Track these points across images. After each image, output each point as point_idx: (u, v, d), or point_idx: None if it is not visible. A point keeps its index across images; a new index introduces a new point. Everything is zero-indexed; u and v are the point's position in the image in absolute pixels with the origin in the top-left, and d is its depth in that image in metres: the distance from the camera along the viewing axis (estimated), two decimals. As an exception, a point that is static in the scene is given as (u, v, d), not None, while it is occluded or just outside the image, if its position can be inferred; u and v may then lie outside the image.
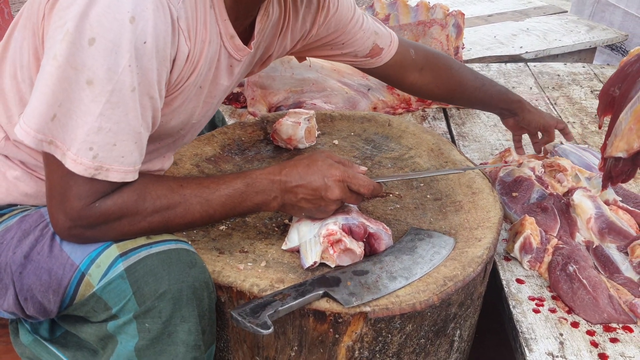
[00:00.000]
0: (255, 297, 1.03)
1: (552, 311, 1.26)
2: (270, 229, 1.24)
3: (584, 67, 2.68)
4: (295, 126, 1.52)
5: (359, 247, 1.12)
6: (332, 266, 1.11)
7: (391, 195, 1.37)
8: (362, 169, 1.16)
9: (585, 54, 3.05)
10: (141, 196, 0.99)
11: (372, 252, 1.16)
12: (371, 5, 2.46)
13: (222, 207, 1.06)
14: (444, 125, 2.11)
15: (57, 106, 0.90)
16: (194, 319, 1.00)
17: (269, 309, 0.97)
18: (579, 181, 1.59)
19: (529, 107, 1.60)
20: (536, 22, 3.22)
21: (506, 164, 1.65)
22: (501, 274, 1.37)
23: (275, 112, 2.02)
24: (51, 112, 0.90)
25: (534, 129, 1.63)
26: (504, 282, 1.34)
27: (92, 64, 0.88)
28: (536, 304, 1.27)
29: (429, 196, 1.37)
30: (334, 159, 1.14)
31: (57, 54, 0.88)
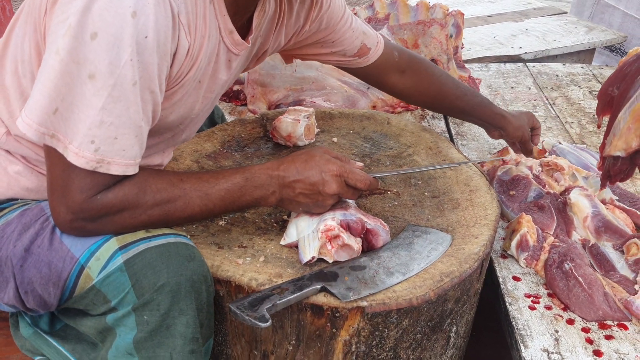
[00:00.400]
0: (253, 291, 1.04)
1: (548, 308, 1.26)
2: (269, 224, 1.25)
3: (582, 67, 2.69)
4: (294, 124, 1.52)
5: (356, 243, 1.13)
6: (330, 261, 1.12)
7: (389, 192, 1.38)
8: (359, 164, 1.18)
9: (584, 55, 3.06)
10: (142, 189, 1.00)
11: (369, 248, 1.17)
12: (371, 4, 2.46)
13: (221, 201, 1.07)
14: (442, 124, 2.12)
15: (60, 100, 0.91)
16: (192, 312, 1.00)
17: (267, 303, 0.98)
18: (576, 180, 1.60)
19: (513, 122, 1.58)
20: (536, 22, 3.23)
21: (503, 162, 1.66)
22: (498, 271, 1.38)
23: (275, 109, 2.03)
24: (53, 105, 0.91)
25: (516, 140, 1.63)
26: (501, 280, 1.35)
27: (94, 58, 0.89)
28: (532, 301, 1.28)
29: (426, 194, 1.38)
30: (331, 154, 1.15)
31: (60, 48, 0.89)
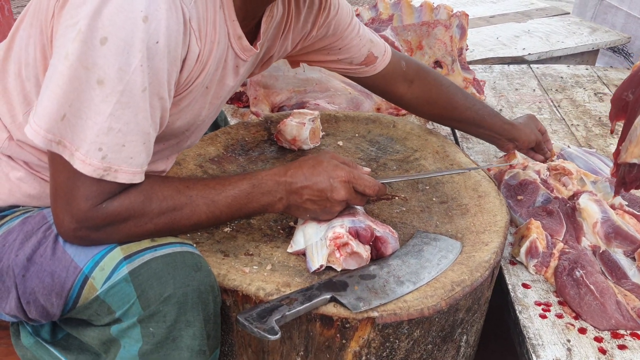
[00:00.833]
0: (261, 301, 1.02)
1: (559, 317, 1.24)
2: (275, 231, 1.22)
3: (587, 69, 2.67)
4: (299, 127, 1.50)
5: (365, 251, 1.11)
6: (339, 270, 1.09)
7: (397, 198, 1.36)
8: (366, 169, 1.16)
9: (587, 56, 3.04)
10: (148, 197, 0.97)
11: (378, 255, 1.14)
12: (374, 5, 2.44)
13: (228, 208, 1.05)
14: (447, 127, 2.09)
15: (68, 106, 0.88)
16: (199, 323, 0.98)
17: (276, 314, 0.95)
18: (584, 185, 1.58)
19: (523, 129, 1.56)
20: (538, 23, 3.21)
21: (510, 167, 1.64)
22: (507, 278, 1.35)
23: (278, 112, 2.01)
24: (61, 111, 0.88)
25: (530, 147, 1.60)
26: (510, 287, 1.33)
27: (104, 64, 0.86)
28: (543, 309, 1.26)
29: (434, 199, 1.36)
30: (339, 159, 1.13)
31: (69, 53, 0.86)
